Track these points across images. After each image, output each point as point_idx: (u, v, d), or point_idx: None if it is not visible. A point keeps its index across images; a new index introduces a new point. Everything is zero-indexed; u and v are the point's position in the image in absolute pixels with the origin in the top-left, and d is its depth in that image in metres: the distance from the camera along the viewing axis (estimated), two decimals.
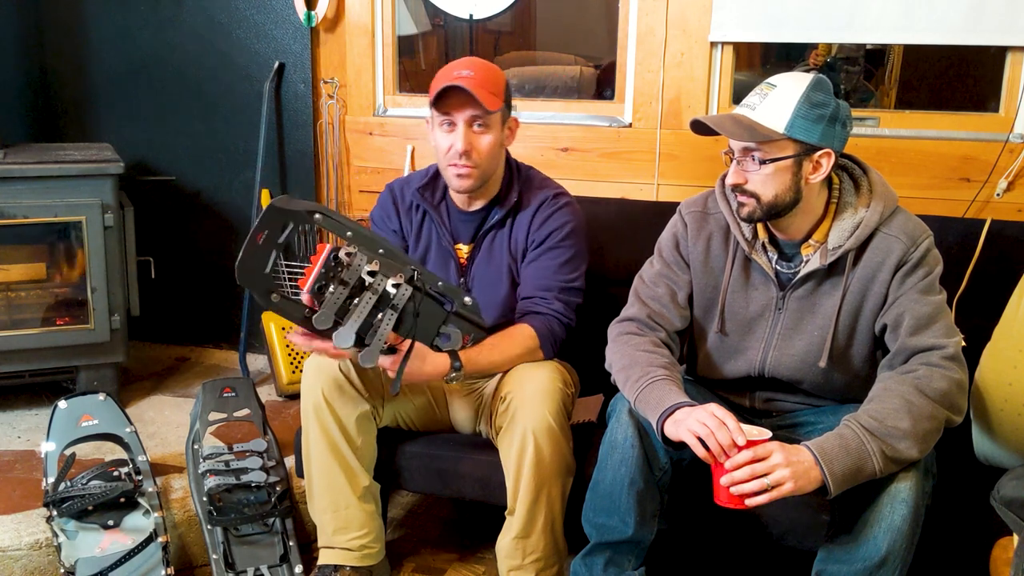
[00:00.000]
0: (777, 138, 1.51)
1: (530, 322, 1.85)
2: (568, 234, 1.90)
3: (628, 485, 1.59)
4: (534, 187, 1.95)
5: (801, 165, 1.54)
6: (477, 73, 1.79)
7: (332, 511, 1.85)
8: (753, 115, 1.53)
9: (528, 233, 1.90)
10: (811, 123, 1.51)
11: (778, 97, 1.52)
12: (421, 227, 1.97)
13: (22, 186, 2.35)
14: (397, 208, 1.99)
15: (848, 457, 1.41)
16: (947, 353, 1.52)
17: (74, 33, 2.94)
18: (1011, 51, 2.17)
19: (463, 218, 1.95)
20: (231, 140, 2.88)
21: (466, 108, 1.79)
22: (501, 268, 1.93)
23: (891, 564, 1.44)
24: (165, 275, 2.80)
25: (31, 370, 2.48)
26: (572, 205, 1.94)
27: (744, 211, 1.59)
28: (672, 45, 2.39)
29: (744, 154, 1.56)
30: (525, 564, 1.79)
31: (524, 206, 1.92)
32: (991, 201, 2.20)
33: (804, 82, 1.52)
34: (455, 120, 1.81)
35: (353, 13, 2.69)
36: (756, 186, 1.55)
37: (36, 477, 2.12)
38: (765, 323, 1.69)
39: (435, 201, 1.95)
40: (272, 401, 2.65)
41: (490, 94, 1.79)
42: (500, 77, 1.85)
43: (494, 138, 1.84)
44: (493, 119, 1.82)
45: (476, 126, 1.81)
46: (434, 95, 1.80)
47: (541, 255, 1.89)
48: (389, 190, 2.01)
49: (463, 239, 1.96)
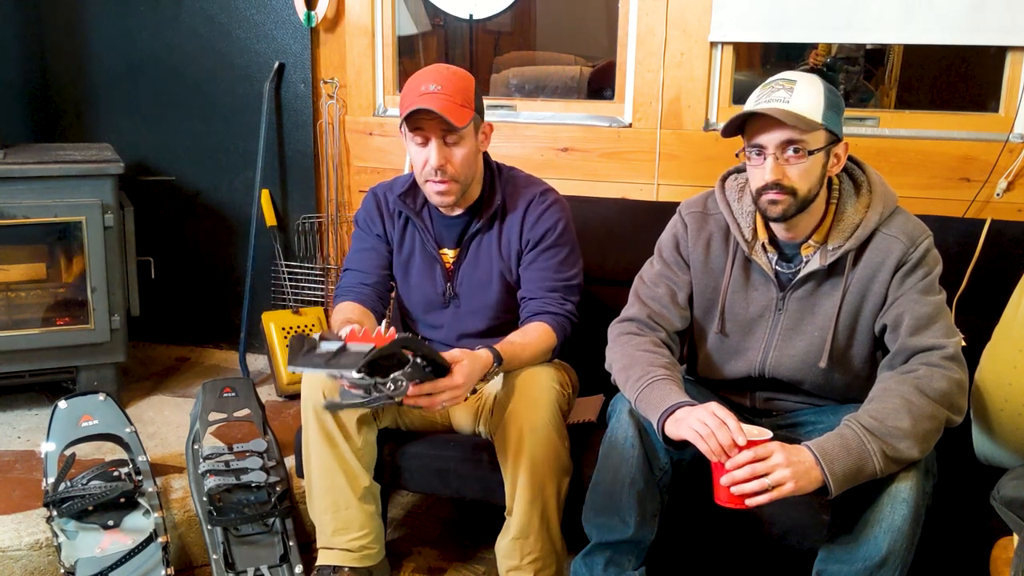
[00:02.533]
0: (817, 127, 1.51)
1: (547, 321, 1.84)
2: (562, 231, 1.89)
3: (628, 485, 1.60)
4: (519, 187, 1.93)
5: (828, 157, 1.55)
6: (444, 86, 1.75)
7: (332, 511, 1.85)
8: (790, 107, 1.50)
9: (521, 233, 1.89)
10: (835, 114, 1.53)
11: (806, 88, 1.51)
12: (404, 232, 1.96)
13: (22, 186, 2.35)
14: (381, 212, 1.97)
15: (849, 457, 1.41)
16: (947, 353, 1.52)
17: (74, 33, 2.94)
18: (1011, 51, 2.17)
19: (446, 223, 1.94)
20: (231, 140, 2.88)
21: (436, 124, 1.76)
22: (490, 271, 1.92)
23: (891, 564, 1.44)
24: (165, 275, 2.80)
25: (31, 370, 2.48)
26: (560, 201, 1.93)
27: (778, 209, 1.55)
28: (672, 45, 2.39)
29: (783, 148, 1.52)
30: (523, 564, 1.79)
31: (512, 208, 1.90)
32: (991, 201, 2.20)
33: (814, 76, 1.54)
34: (427, 135, 1.78)
35: (353, 13, 2.69)
36: (795, 180, 1.52)
37: (36, 477, 2.12)
38: (765, 323, 1.69)
39: (417, 207, 1.93)
40: (272, 401, 2.65)
41: (459, 107, 1.75)
42: (468, 85, 1.81)
43: (468, 149, 1.80)
44: (465, 131, 1.78)
45: (448, 140, 1.78)
46: (403, 114, 1.76)
47: (539, 256, 1.89)
48: (373, 194, 1.99)
49: (448, 244, 1.95)
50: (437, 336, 1.99)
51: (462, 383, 1.59)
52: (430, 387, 1.56)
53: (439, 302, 1.96)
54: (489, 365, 1.69)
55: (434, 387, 1.57)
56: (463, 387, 1.60)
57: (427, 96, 1.74)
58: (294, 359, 1.48)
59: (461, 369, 1.60)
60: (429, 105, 1.72)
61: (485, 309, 1.93)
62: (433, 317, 1.98)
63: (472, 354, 1.65)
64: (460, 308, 1.95)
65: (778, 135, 1.51)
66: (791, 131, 1.49)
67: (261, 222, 2.83)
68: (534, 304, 1.88)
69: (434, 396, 1.57)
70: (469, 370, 1.61)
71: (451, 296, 1.94)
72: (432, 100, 1.73)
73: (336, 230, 2.85)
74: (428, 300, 1.97)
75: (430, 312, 1.98)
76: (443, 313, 1.97)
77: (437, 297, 1.95)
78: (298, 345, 1.50)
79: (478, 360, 1.66)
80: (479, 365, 1.66)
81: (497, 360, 1.71)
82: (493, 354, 1.71)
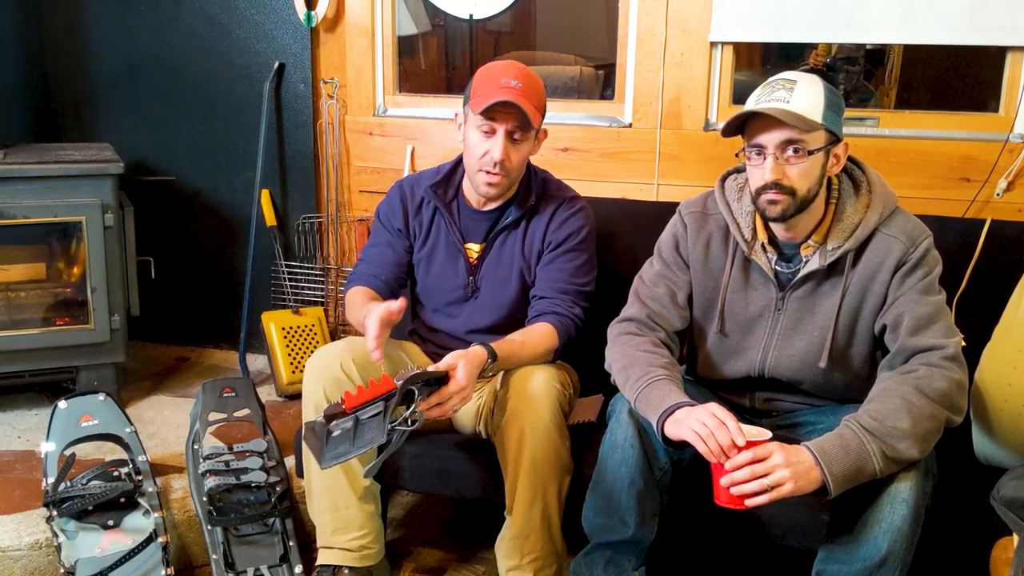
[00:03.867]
0: (818, 127, 1.51)
1: (551, 322, 1.86)
2: (584, 238, 1.92)
3: (628, 485, 1.60)
4: (550, 190, 1.96)
5: (828, 157, 1.55)
6: (525, 85, 1.78)
7: (331, 511, 1.85)
8: (791, 107, 1.50)
9: (545, 235, 1.92)
10: (835, 114, 1.53)
11: (806, 88, 1.51)
12: (431, 225, 1.98)
13: (22, 186, 2.35)
14: (405, 206, 1.99)
15: (848, 457, 1.41)
16: (947, 353, 1.52)
17: (74, 33, 2.94)
18: (1011, 51, 2.17)
19: (475, 217, 1.95)
20: (231, 140, 2.88)
21: (510, 120, 1.78)
22: (512, 269, 1.94)
23: (891, 564, 1.44)
24: (165, 275, 2.80)
25: (31, 370, 2.48)
26: (587, 210, 1.96)
27: (777, 209, 1.55)
28: (672, 45, 2.39)
29: (783, 148, 1.52)
30: (523, 564, 1.79)
31: (540, 209, 1.93)
32: (991, 201, 2.20)
33: (815, 76, 1.54)
34: (496, 128, 1.80)
35: (353, 13, 2.69)
36: (795, 180, 1.52)
37: (36, 477, 2.12)
38: (765, 323, 1.69)
39: (447, 199, 1.96)
40: (272, 401, 2.65)
41: (534, 108, 1.79)
42: (543, 89, 1.85)
43: (527, 149, 1.85)
44: (531, 132, 1.83)
45: (515, 137, 1.81)
46: (484, 103, 1.76)
47: (557, 257, 1.91)
48: (399, 187, 2.02)
49: (474, 238, 1.96)
50: (448, 327, 2.00)
51: (466, 383, 1.62)
52: (437, 398, 1.60)
53: (460, 295, 1.97)
54: (484, 361, 1.71)
55: (441, 396, 1.61)
56: (468, 386, 1.63)
57: (509, 90, 1.76)
58: (322, 457, 1.52)
59: (460, 371, 1.62)
60: (514, 98, 1.74)
61: (500, 306, 1.95)
62: (451, 309, 2.00)
63: (464, 353, 1.67)
64: (478, 302, 1.96)
65: (778, 135, 1.51)
66: (791, 131, 1.49)
67: (261, 222, 2.83)
68: (543, 304, 1.89)
69: (444, 404, 1.61)
70: (468, 369, 1.64)
71: (472, 290, 1.96)
72: (515, 94, 1.75)
73: (336, 230, 2.85)
74: (449, 292, 1.98)
75: (449, 304, 2.00)
76: (462, 306, 1.98)
77: (458, 290, 1.97)
78: (314, 440, 1.54)
79: (473, 358, 1.68)
80: (475, 362, 1.68)
81: (491, 356, 1.72)
82: (487, 350, 1.72)
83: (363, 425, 1.52)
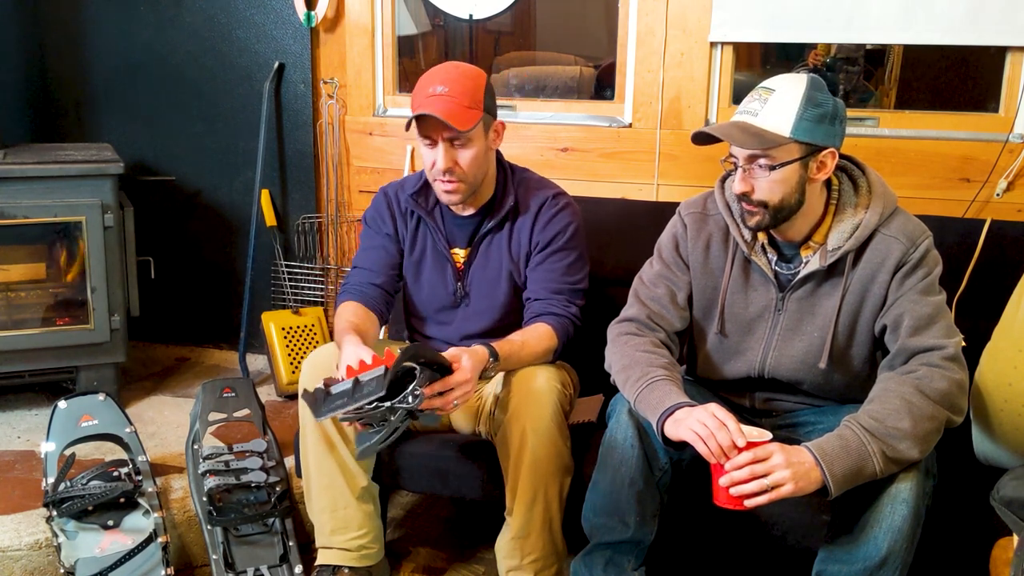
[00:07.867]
0: (784, 142, 1.50)
1: (549, 322, 1.85)
2: (572, 235, 1.90)
3: (628, 485, 1.60)
4: (532, 188, 1.93)
5: (807, 167, 1.54)
6: (452, 87, 1.75)
7: (330, 511, 1.85)
8: (757, 121, 1.51)
9: (531, 235, 1.90)
10: (814, 124, 1.51)
11: (779, 100, 1.51)
12: (416, 232, 1.97)
13: (22, 186, 2.35)
14: (392, 212, 1.97)
15: (848, 458, 1.41)
16: (947, 353, 1.52)
17: (74, 33, 2.94)
18: (1011, 51, 2.17)
19: (458, 223, 1.94)
20: (231, 140, 2.88)
21: (441, 128, 1.76)
22: (500, 271, 1.93)
23: (891, 564, 1.44)
24: (165, 275, 2.80)
25: (31, 370, 2.48)
26: (572, 205, 1.94)
27: (753, 220, 1.58)
28: (672, 45, 2.39)
29: (750, 161, 1.54)
30: (523, 564, 1.79)
31: (523, 209, 1.91)
32: (991, 201, 2.20)
33: (802, 83, 1.52)
34: (434, 138, 1.78)
35: (353, 13, 2.69)
36: (763, 193, 1.54)
37: (36, 477, 2.12)
38: (765, 324, 1.69)
39: (429, 207, 1.94)
40: (272, 401, 2.65)
41: (465, 109, 1.75)
42: (477, 84, 1.79)
43: (476, 150, 1.80)
44: (472, 132, 1.78)
45: (455, 143, 1.78)
46: (410, 118, 1.75)
47: (547, 258, 1.89)
48: (383, 193, 2.00)
49: (459, 243, 1.95)
50: (442, 334, 1.99)
51: (470, 376, 1.62)
52: (441, 385, 1.58)
53: (450, 302, 1.96)
54: (485, 360, 1.70)
55: (445, 384, 1.59)
56: (471, 380, 1.62)
57: (433, 99, 1.74)
58: (318, 410, 1.52)
59: (465, 363, 1.62)
60: (432, 111, 1.72)
61: (492, 310, 1.94)
62: (442, 316, 1.99)
63: (469, 350, 1.67)
64: (469, 308, 1.96)
65: (746, 149, 1.53)
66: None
67: (261, 222, 2.83)
68: (538, 305, 1.88)
69: (447, 394, 1.59)
70: (471, 363, 1.63)
71: (462, 296, 1.95)
72: (437, 103, 1.73)
73: (336, 230, 2.85)
74: (439, 299, 1.97)
75: (440, 311, 1.99)
76: (453, 313, 1.97)
77: (448, 297, 1.96)
78: (312, 399, 1.55)
79: (476, 354, 1.67)
80: (478, 359, 1.67)
81: (493, 356, 1.72)
82: (489, 350, 1.72)
83: (362, 385, 1.51)
